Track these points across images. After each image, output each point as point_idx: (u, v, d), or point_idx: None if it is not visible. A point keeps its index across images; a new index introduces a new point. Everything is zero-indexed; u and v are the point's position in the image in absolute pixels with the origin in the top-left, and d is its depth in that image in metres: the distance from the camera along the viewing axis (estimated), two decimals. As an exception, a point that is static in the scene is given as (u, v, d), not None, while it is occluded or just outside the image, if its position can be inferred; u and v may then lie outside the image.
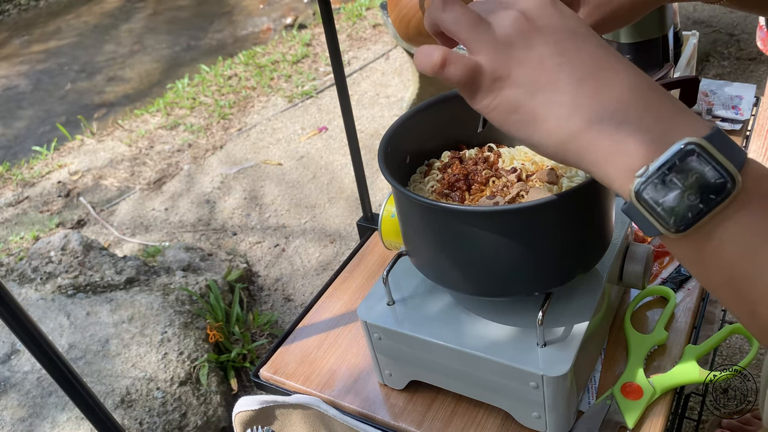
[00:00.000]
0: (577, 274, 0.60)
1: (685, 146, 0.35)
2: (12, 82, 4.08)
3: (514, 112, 0.40)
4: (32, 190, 2.70)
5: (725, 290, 0.37)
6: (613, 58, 0.39)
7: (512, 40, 0.40)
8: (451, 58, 0.40)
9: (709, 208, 0.35)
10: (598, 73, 0.39)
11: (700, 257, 0.37)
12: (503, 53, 0.40)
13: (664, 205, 0.36)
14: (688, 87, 0.61)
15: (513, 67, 0.40)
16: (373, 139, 2.63)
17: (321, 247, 2.18)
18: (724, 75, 2.62)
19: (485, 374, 0.63)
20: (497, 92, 0.40)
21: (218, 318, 1.76)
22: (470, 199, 0.62)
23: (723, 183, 0.34)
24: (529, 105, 0.39)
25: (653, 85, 0.39)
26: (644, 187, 0.36)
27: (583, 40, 0.40)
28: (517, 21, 0.40)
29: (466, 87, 0.41)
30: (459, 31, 0.41)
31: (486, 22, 0.41)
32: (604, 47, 0.40)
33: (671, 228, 0.36)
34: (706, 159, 0.34)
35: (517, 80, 0.39)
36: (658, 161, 0.35)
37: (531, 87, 0.39)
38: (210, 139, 2.86)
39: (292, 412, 0.71)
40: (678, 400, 0.71)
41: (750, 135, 1.06)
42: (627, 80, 0.38)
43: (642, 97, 0.38)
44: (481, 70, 0.40)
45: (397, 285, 0.69)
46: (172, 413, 1.49)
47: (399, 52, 3.23)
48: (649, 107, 0.37)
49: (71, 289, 1.72)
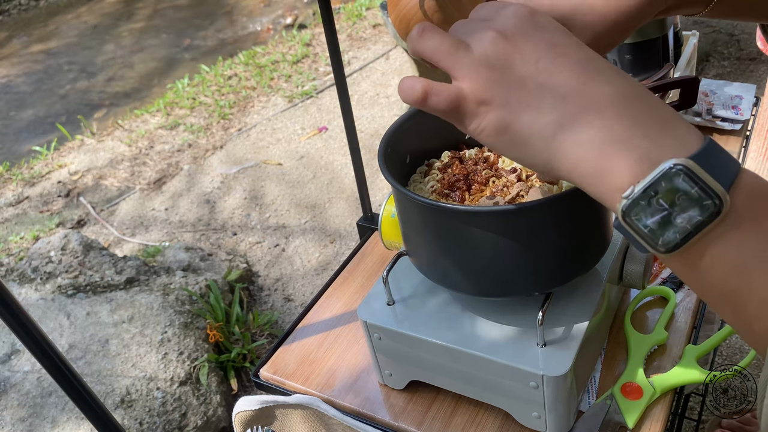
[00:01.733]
0: (577, 274, 0.60)
1: (671, 167, 0.34)
2: (12, 82, 4.08)
3: (501, 134, 0.40)
4: (32, 190, 2.71)
5: (720, 305, 0.36)
6: (595, 71, 0.38)
7: (492, 62, 0.39)
8: (433, 89, 0.40)
9: (697, 229, 0.34)
10: (581, 89, 0.38)
11: (693, 274, 0.36)
12: (484, 76, 0.39)
13: (651, 226, 0.35)
14: (688, 87, 0.61)
15: (495, 89, 0.39)
16: (373, 139, 2.63)
17: (321, 247, 2.18)
18: (724, 75, 2.62)
19: (485, 374, 0.63)
20: (483, 115, 0.40)
21: (218, 318, 1.76)
22: (470, 199, 0.62)
23: (710, 204, 0.33)
24: (515, 126, 0.39)
25: (641, 95, 0.38)
26: (630, 208, 0.35)
27: (565, 53, 0.39)
28: (495, 42, 0.39)
29: (451, 115, 0.41)
30: (438, 59, 0.41)
31: (465, 45, 0.41)
32: (587, 58, 0.39)
33: (660, 249, 0.35)
34: (692, 180, 0.34)
35: (500, 102, 0.39)
36: (643, 183, 0.34)
37: (515, 108, 0.39)
38: (210, 139, 2.86)
39: (292, 412, 0.71)
40: (678, 400, 0.71)
41: (750, 135, 1.06)
42: (612, 94, 0.37)
43: (628, 112, 0.37)
44: (464, 97, 0.40)
45: (397, 285, 0.69)
46: (172, 413, 1.49)
47: (399, 52, 3.23)
48: (635, 123, 0.36)
49: (71, 289, 1.72)
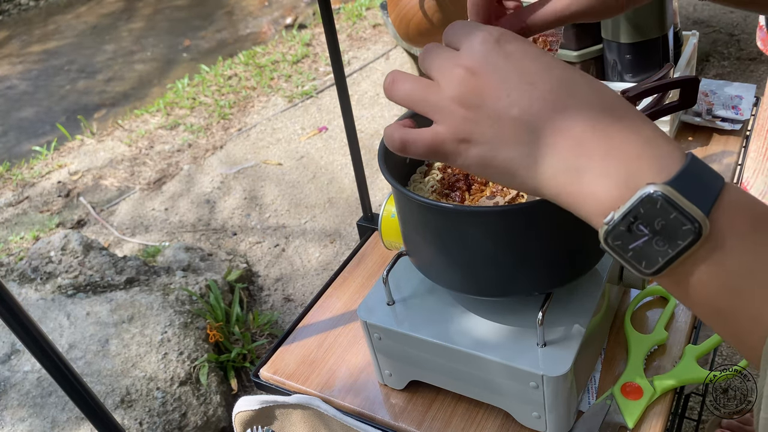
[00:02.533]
0: (577, 274, 0.60)
1: (650, 194, 0.34)
2: (12, 82, 4.08)
3: (486, 168, 0.40)
4: (32, 190, 2.71)
5: (711, 321, 0.36)
6: (568, 96, 0.38)
7: (463, 100, 0.39)
8: (409, 139, 0.42)
9: (678, 254, 0.34)
10: (555, 119, 0.38)
11: (681, 293, 0.36)
12: (459, 116, 0.40)
13: (633, 251, 0.35)
14: (688, 87, 0.61)
15: (471, 128, 0.40)
16: (373, 139, 2.63)
17: (321, 247, 2.18)
18: (724, 75, 2.62)
19: (485, 374, 0.63)
20: (465, 153, 0.41)
21: (218, 318, 1.76)
22: (470, 199, 0.62)
23: (690, 229, 0.33)
24: (497, 160, 0.39)
25: (619, 115, 0.37)
26: (611, 234, 0.35)
27: (535, 81, 0.39)
28: (465, 80, 0.39)
29: (434, 157, 0.42)
30: (412, 105, 0.42)
31: (436, 87, 0.41)
32: (559, 83, 0.39)
33: (644, 272, 0.36)
34: (670, 206, 0.33)
35: (479, 139, 0.40)
36: (622, 210, 0.35)
37: (494, 143, 0.39)
38: (210, 139, 2.86)
39: (292, 412, 0.71)
40: (678, 400, 0.71)
41: (750, 135, 1.06)
42: (588, 116, 0.37)
43: (605, 135, 0.37)
44: (440, 140, 0.41)
45: (397, 285, 0.69)
46: (172, 413, 1.49)
47: (399, 52, 3.23)
48: (613, 147, 0.36)
49: (71, 289, 1.72)
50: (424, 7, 0.71)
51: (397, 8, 0.73)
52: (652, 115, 0.70)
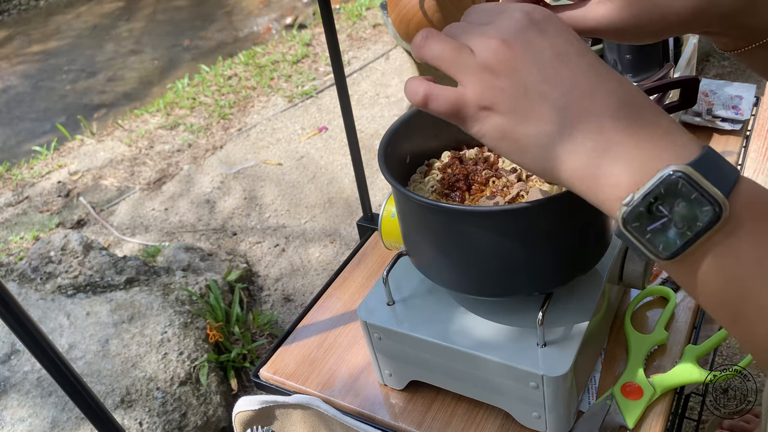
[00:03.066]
0: (577, 274, 0.60)
1: (670, 174, 0.34)
2: (12, 82, 4.08)
3: (502, 139, 0.40)
4: (32, 190, 2.70)
5: (721, 312, 0.36)
6: (597, 82, 0.39)
7: (495, 69, 0.40)
8: (433, 93, 0.42)
9: (697, 235, 0.34)
10: (581, 100, 0.38)
11: (694, 281, 0.36)
12: (488, 83, 0.40)
13: (651, 233, 0.35)
14: (688, 87, 0.61)
15: (497, 96, 0.40)
16: (373, 139, 2.63)
17: (321, 247, 2.18)
18: (724, 75, 2.62)
19: (485, 374, 0.63)
20: (484, 120, 0.41)
21: (218, 318, 1.76)
22: (470, 199, 0.62)
23: (710, 210, 0.34)
24: (516, 133, 0.40)
25: (641, 105, 0.38)
26: (631, 215, 0.35)
27: (567, 62, 0.39)
28: (499, 50, 0.40)
29: (453, 118, 0.42)
30: (442, 64, 0.42)
31: (467, 51, 0.41)
32: (589, 68, 0.39)
33: (661, 255, 0.36)
34: (691, 186, 0.34)
35: (502, 109, 0.40)
36: (643, 190, 0.35)
37: (516, 116, 0.39)
38: (210, 139, 2.86)
39: (292, 412, 0.71)
40: (678, 400, 0.71)
41: (750, 135, 1.05)
42: (612, 105, 0.38)
43: (627, 122, 0.37)
44: (464, 102, 0.41)
45: (397, 285, 0.69)
46: (172, 413, 1.49)
47: (399, 52, 3.22)
48: (635, 132, 0.37)
49: (71, 289, 1.72)
50: (424, 7, 0.71)
51: (397, 8, 0.73)
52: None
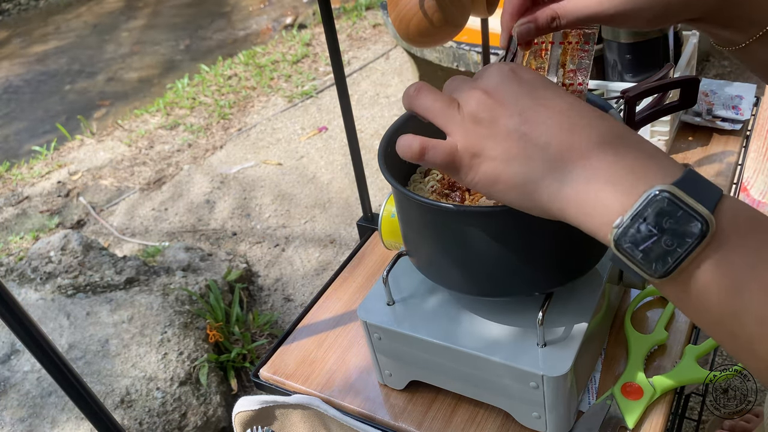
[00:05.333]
0: (577, 274, 0.60)
1: (656, 194, 0.36)
2: (12, 82, 4.08)
3: (495, 184, 0.43)
4: (32, 190, 2.70)
5: (719, 330, 0.37)
6: (577, 117, 0.41)
7: (479, 118, 0.42)
8: (429, 145, 0.44)
9: (687, 251, 0.35)
10: (563, 135, 0.40)
11: (688, 299, 0.37)
12: (473, 131, 0.43)
13: (643, 252, 0.37)
14: (688, 87, 0.62)
15: (484, 143, 0.42)
16: (373, 139, 2.63)
17: (321, 247, 2.18)
18: (724, 75, 2.62)
19: (485, 374, 0.63)
20: (476, 168, 0.43)
21: (218, 318, 1.76)
22: (470, 199, 0.62)
23: (697, 225, 0.35)
24: (506, 175, 0.42)
25: (623, 135, 0.40)
26: (622, 237, 0.37)
27: (546, 104, 0.41)
28: (481, 100, 0.43)
29: (448, 168, 0.44)
30: (431, 116, 0.45)
31: (455, 104, 0.44)
32: (569, 107, 0.41)
33: (654, 274, 0.37)
34: (677, 205, 0.35)
35: (490, 155, 0.42)
36: (631, 211, 0.36)
37: (504, 159, 0.41)
38: (210, 139, 2.86)
39: (292, 412, 0.71)
40: (678, 400, 0.71)
41: (750, 135, 1.05)
42: (594, 136, 0.40)
43: (611, 150, 0.39)
44: (457, 151, 0.43)
45: (397, 285, 0.69)
46: (172, 413, 1.49)
47: (399, 52, 3.23)
48: (619, 159, 0.38)
49: (71, 289, 1.72)
50: (424, 7, 0.71)
51: (397, 8, 0.73)
52: (653, 114, 0.70)
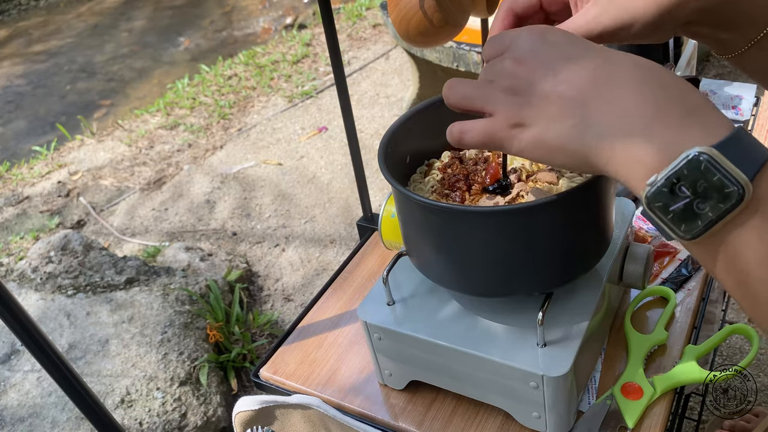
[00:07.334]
0: (577, 274, 0.60)
1: (696, 155, 0.34)
2: (12, 82, 4.08)
3: (539, 148, 0.42)
4: (32, 190, 2.70)
5: (742, 293, 0.36)
6: (613, 67, 0.40)
7: (514, 87, 0.43)
8: (465, 128, 0.45)
9: (719, 217, 0.34)
10: (600, 90, 0.39)
11: (716, 262, 0.36)
12: (511, 102, 0.43)
13: (674, 213, 0.36)
14: (688, 87, 0.61)
15: (523, 110, 0.42)
16: (373, 139, 2.63)
17: (321, 247, 2.18)
18: (724, 75, 2.62)
19: (485, 374, 0.63)
20: (520, 137, 0.43)
21: (218, 318, 1.76)
22: (470, 199, 0.62)
23: (733, 192, 0.34)
24: (549, 138, 0.41)
25: (666, 84, 0.38)
26: (654, 196, 0.36)
27: (578, 62, 0.41)
28: (513, 69, 0.43)
29: (489, 145, 0.44)
30: (471, 104, 0.45)
31: (488, 83, 0.44)
32: (603, 61, 0.40)
33: (683, 236, 0.36)
34: (714, 168, 0.34)
35: (531, 121, 0.42)
36: (666, 171, 0.35)
37: (544, 122, 0.41)
38: (210, 139, 2.86)
39: (292, 412, 0.71)
40: (678, 400, 0.71)
41: (750, 135, 1.05)
42: (632, 86, 0.39)
43: (650, 103, 0.38)
44: (494, 128, 0.43)
45: (397, 285, 0.69)
46: (172, 413, 1.49)
47: (399, 52, 3.22)
48: (658, 113, 0.37)
49: (71, 289, 1.72)
50: (424, 7, 0.71)
51: (397, 8, 0.73)
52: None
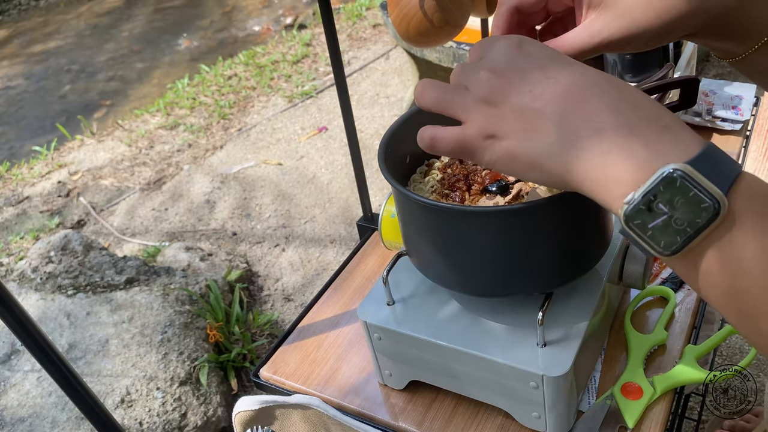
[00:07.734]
0: (577, 274, 0.60)
1: (670, 172, 0.35)
2: (12, 82, 4.08)
3: (512, 161, 0.42)
4: (32, 190, 2.70)
5: (725, 307, 0.37)
6: (588, 87, 0.40)
7: (489, 98, 0.42)
8: (437, 135, 0.44)
9: (697, 231, 0.35)
10: (576, 107, 0.39)
11: (697, 276, 0.36)
12: (485, 113, 0.42)
13: (653, 230, 0.36)
14: (688, 87, 0.61)
15: (497, 123, 0.42)
16: (373, 139, 2.63)
17: (321, 247, 2.18)
18: (724, 75, 2.62)
19: (485, 374, 0.63)
20: (492, 148, 0.42)
21: (218, 318, 1.76)
22: (470, 199, 0.62)
23: (709, 207, 0.34)
24: (523, 152, 0.41)
25: (639, 104, 0.39)
26: (632, 213, 0.36)
27: (554, 76, 0.41)
28: (489, 80, 0.42)
29: (461, 154, 0.44)
30: (442, 108, 0.45)
31: (463, 89, 0.44)
32: (580, 76, 0.40)
33: (663, 251, 0.36)
34: (690, 184, 0.34)
35: (505, 133, 0.42)
36: (643, 188, 0.35)
37: (519, 136, 0.41)
38: (210, 139, 2.86)
39: (292, 412, 0.71)
40: (678, 400, 0.71)
41: (750, 135, 1.05)
42: (607, 104, 0.39)
43: (626, 121, 0.38)
44: (466, 136, 0.43)
45: (397, 285, 0.69)
46: (172, 413, 1.49)
47: (399, 52, 3.23)
48: (634, 132, 0.37)
49: (71, 289, 1.72)
50: (424, 7, 0.71)
51: (397, 8, 0.73)
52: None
